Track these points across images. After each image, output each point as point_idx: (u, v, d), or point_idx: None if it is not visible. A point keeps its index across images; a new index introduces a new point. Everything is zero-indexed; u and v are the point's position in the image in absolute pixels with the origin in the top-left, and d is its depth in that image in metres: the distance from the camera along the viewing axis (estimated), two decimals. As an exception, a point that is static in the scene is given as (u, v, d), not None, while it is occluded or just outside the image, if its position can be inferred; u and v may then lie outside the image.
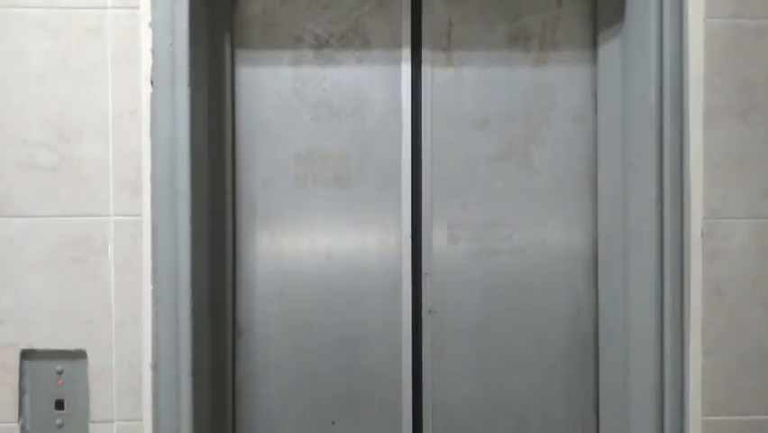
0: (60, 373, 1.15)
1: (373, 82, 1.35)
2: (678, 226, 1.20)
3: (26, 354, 1.14)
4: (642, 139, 1.23)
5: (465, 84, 1.36)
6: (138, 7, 1.14)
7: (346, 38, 1.35)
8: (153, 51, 1.13)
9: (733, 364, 1.20)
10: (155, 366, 1.13)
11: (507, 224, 1.36)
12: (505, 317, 1.36)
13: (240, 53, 1.34)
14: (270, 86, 1.34)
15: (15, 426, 1.13)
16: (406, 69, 1.34)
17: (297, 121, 1.34)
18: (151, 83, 1.13)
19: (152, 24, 1.13)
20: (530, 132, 1.36)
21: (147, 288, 1.13)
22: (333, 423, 1.35)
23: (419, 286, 1.36)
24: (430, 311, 1.36)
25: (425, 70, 1.35)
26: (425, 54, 1.35)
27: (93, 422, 1.14)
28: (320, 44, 1.35)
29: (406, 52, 1.35)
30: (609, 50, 1.33)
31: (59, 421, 1.15)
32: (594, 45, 1.37)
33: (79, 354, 1.14)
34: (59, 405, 1.15)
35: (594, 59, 1.37)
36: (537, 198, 1.37)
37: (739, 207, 1.20)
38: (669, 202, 1.19)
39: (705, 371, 1.20)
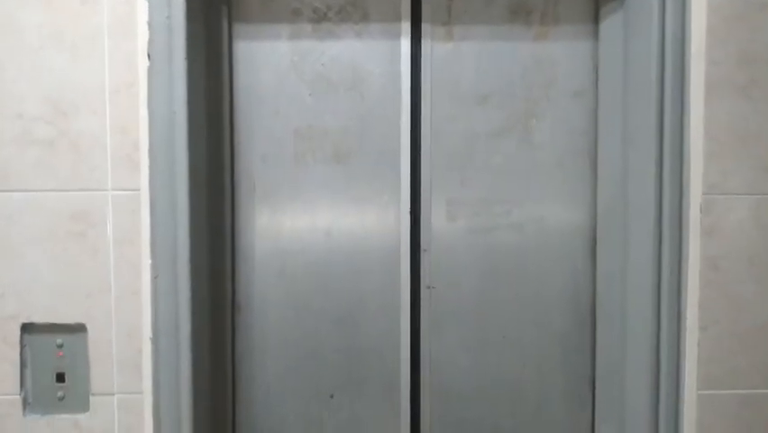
0: (61, 346, 1.16)
1: (372, 56, 1.33)
2: (677, 202, 1.20)
3: (26, 328, 1.15)
4: (642, 114, 1.22)
5: (465, 59, 1.34)
6: (134, -22, 1.12)
7: (345, 11, 1.33)
8: (150, 24, 1.12)
9: (728, 340, 1.21)
10: (155, 340, 1.14)
11: (505, 200, 1.36)
12: (503, 294, 1.37)
13: (237, 27, 1.32)
14: (268, 60, 1.33)
15: (17, 398, 1.15)
16: (405, 44, 1.33)
17: (296, 96, 1.33)
18: (148, 56, 1.12)
19: (148, -4, 1.12)
20: (530, 107, 1.36)
21: (146, 262, 1.14)
22: (331, 397, 1.36)
23: (417, 262, 1.36)
24: (428, 287, 1.36)
25: (425, 45, 1.34)
26: (425, 28, 1.34)
27: (93, 395, 1.16)
28: (318, 18, 1.33)
29: (406, 26, 1.33)
30: (611, 24, 1.32)
31: (60, 394, 1.16)
32: (595, 20, 1.35)
33: (79, 328, 1.15)
34: (60, 378, 1.16)
35: (595, 34, 1.35)
36: (537, 174, 1.36)
37: (738, 182, 1.20)
38: (668, 178, 1.19)
39: (701, 346, 1.21)
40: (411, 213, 1.35)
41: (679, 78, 1.18)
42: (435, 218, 1.36)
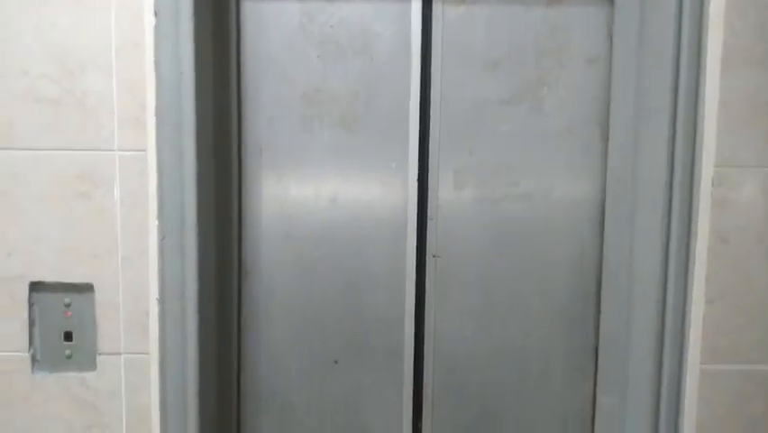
0: (68, 305, 1.17)
1: (382, 19, 1.30)
2: (688, 174, 1.18)
3: (34, 287, 1.15)
4: (657, 83, 1.20)
5: (477, 23, 1.31)
6: (140, -66, 1.10)
7: (355, -28, 1.30)
8: (156, -20, 1.10)
9: (734, 314, 1.21)
10: (161, 301, 1.15)
11: (514, 169, 1.35)
12: (509, 264, 1.37)
13: (245, -13, 1.30)
14: (276, 21, 1.30)
15: (26, 355, 1.16)
16: (416, 6, 1.30)
17: (304, 58, 1.31)
18: (155, 14, 1.10)
19: (155, -48, 1.09)
20: (542, 74, 1.33)
21: (153, 223, 1.14)
22: (335, 362, 1.37)
23: (424, 231, 1.35)
24: (434, 256, 1.36)
25: (436, 7, 1.30)
26: (437, -9, 1.31)
27: (100, 354, 1.17)
28: (328, -22, 1.30)
29: (417, -12, 1.30)
30: (627, -10, 1.28)
31: (67, 352, 1.18)
32: (611, -15, 1.32)
33: (86, 288, 1.16)
34: (68, 336, 1.18)
35: (611, 0, 1.32)
36: (547, 143, 1.34)
37: (751, 155, 1.18)
38: (681, 149, 1.17)
39: (706, 320, 1.20)
40: (418, 181, 1.34)
41: (695, 48, 1.15)
42: (443, 187, 1.35)
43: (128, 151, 1.13)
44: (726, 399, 1.22)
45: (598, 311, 1.37)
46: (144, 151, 1.13)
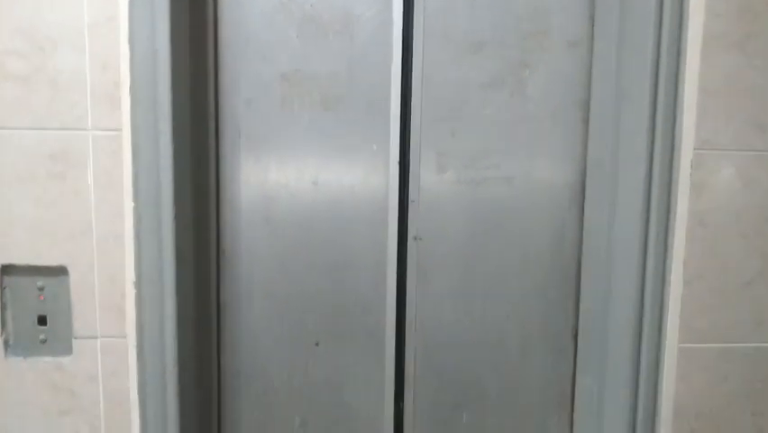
0: (42, 289, 1.14)
1: (363, -2, 1.29)
2: (668, 157, 1.19)
3: (6, 270, 1.12)
4: (637, 66, 1.20)
5: (459, 4, 1.30)
6: None
7: (336, -50, 1.28)
8: (129, -48, 1.06)
9: (712, 295, 1.22)
10: (138, 284, 1.12)
11: (496, 152, 1.34)
12: (490, 246, 1.37)
13: (223, -37, 1.27)
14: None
15: (-2, 340, 1.14)
16: (398, -14, 1.28)
17: (283, 38, 1.28)
18: (129, -13, 1.07)
19: None
20: (524, 57, 1.32)
21: (128, 205, 1.11)
22: (317, 344, 1.37)
23: (405, 213, 1.35)
24: (415, 238, 1.35)
25: (418, -12, 1.29)
26: (418, -30, 1.29)
27: (76, 338, 1.15)
28: (308, -44, 1.28)
29: (399, -32, 1.28)
30: (609, -28, 1.28)
31: (42, 337, 1.15)
32: (593, -33, 1.31)
33: (61, 271, 1.13)
34: (42, 321, 1.15)
35: (593, -18, 1.32)
36: (528, 126, 1.34)
37: (730, 138, 1.19)
38: (660, 132, 1.18)
39: (684, 300, 1.22)
40: (400, 163, 1.33)
41: (676, 30, 1.15)
42: (424, 169, 1.34)
43: (102, 130, 1.10)
44: (703, 377, 1.24)
45: (578, 292, 1.38)
46: (119, 130, 1.10)
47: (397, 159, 1.33)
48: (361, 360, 1.38)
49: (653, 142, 1.19)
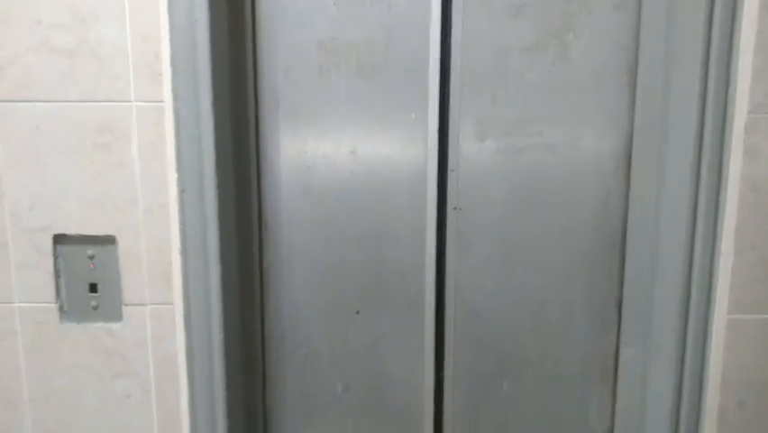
0: (92, 257, 1.18)
1: (401, -38, 1.26)
2: (720, 122, 1.14)
3: (58, 239, 1.16)
4: (688, 28, 1.15)
5: (500, -36, 1.26)
6: None
7: None
8: (167, -77, 1.06)
9: (764, 265, 1.18)
10: (183, 252, 1.15)
11: (538, 120, 1.31)
12: (531, 215, 1.34)
13: (259, -69, 1.26)
14: (292, -33, 1.26)
15: (54, 306, 1.18)
16: (436, -51, 1.25)
17: (320, 6, 1.27)
18: (167, -41, 1.07)
19: None
20: (567, 20, 1.28)
21: (172, 175, 1.13)
22: (357, 312, 1.38)
23: (444, 183, 1.33)
24: (455, 208, 1.34)
25: (457, -51, 1.25)
26: (458, -69, 1.25)
27: (126, 305, 1.19)
28: None
29: (438, -71, 1.25)
30: (660, -74, 1.21)
31: (93, 303, 1.20)
32: None
33: (109, 240, 1.16)
34: (93, 288, 1.19)
35: (642, -62, 1.25)
36: (572, 92, 1.30)
37: (787, 101, 1.13)
38: (713, 95, 1.13)
39: (735, 270, 1.18)
40: (439, 132, 1.31)
41: (731, -13, 1.10)
42: (464, 138, 1.32)
43: (145, 102, 1.11)
44: (752, 350, 1.21)
45: (623, 261, 1.35)
46: (161, 102, 1.11)
47: (436, 127, 1.31)
48: (401, 328, 1.38)
49: (704, 107, 1.14)
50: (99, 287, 1.19)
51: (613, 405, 1.41)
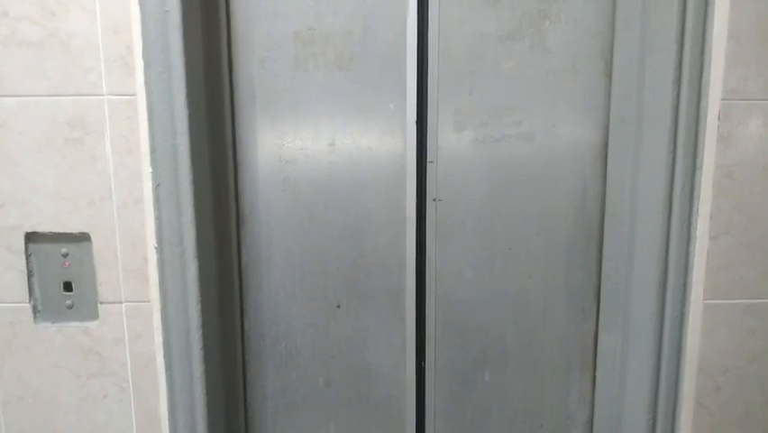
0: (66, 255, 1.15)
1: (376, -50, 1.25)
2: (694, 108, 1.15)
3: (30, 237, 1.14)
4: (663, 14, 1.15)
5: (476, -47, 1.26)
6: None
7: None
8: None
9: (738, 250, 1.20)
10: (160, 249, 1.13)
11: (516, 108, 1.31)
12: (510, 206, 1.35)
13: None
14: (266, -44, 1.24)
15: (27, 306, 1.16)
16: (412, -63, 1.24)
17: (296, -5, 1.26)
18: (136, -52, 1.04)
19: None
20: (544, 7, 1.28)
21: (146, 170, 1.11)
22: (338, 306, 1.37)
23: (424, 174, 1.33)
24: (434, 200, 1.34)
25: (433, -62, 1.25)
26: None
27: (102, 303, 1.16)
28: None
29: None
30: None
31: (68, 302, 1.17)
32: None
33: (83, 237, 1.14)
34: (68, 287, 1.17)
35: (617, -74, 1.26)
36: (549, 80, 1.30)
37: (759, 87, 1.14)
38: (687, 82, 1.14)
39: (710, 255, 1.20)
40: (417, 123, 1.31)
41: (704, -25, 1.11)
42: (442, 128, 1.31)
43: (117, 95, 1.09)
44: (729, 333, 1.23)
45: (601, 250, 1.36)
46: (134, 95, 1.09)
47: (415, 118, 1.30)
48: (382, 321, 1.38)
49: (679, 93, 1.15)
50: (74, 285, 1.17)
51: (593, 392, 1.42)
